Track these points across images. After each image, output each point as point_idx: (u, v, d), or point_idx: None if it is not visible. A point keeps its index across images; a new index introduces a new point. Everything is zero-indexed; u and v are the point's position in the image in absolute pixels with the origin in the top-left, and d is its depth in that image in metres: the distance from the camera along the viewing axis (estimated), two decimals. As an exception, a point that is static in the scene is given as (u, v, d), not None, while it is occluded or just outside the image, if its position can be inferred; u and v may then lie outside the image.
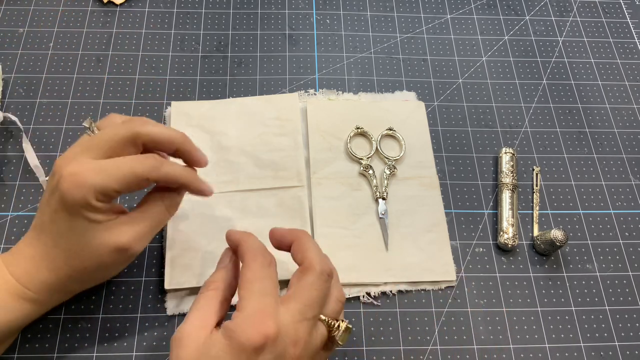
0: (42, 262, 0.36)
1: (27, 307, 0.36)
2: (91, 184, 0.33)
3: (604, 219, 0.51)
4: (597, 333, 0.45)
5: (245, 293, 0.32)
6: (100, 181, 0.33)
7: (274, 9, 0.60)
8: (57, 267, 0.36)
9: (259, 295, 0.32)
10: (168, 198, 0.38)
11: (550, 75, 0.58)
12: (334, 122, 0.52)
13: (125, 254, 0.36)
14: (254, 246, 0.35)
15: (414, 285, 0.46)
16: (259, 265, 0.33)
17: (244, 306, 0.31)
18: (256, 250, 0.34)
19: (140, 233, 0.36)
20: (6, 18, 0.56)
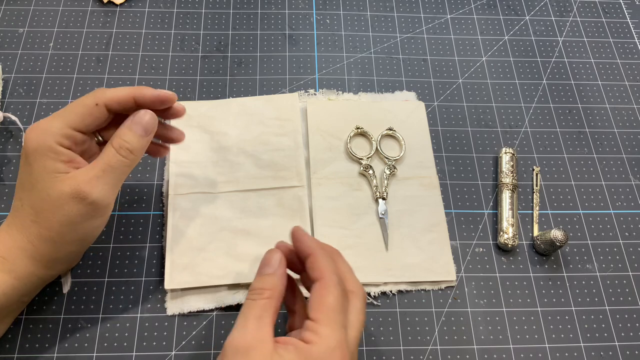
0: (12, 225, 0.36)
1: (6, 279, 0.36)
2: (49, 127, 0.35)
3: (604, 219, 0.51)
4: (597, 333, 0.45)
5: (326, 320, 0.31)
6: (58, 123, 0.35)
7: (274, 9, 0.60)
8: (26, 227, 0.35)
9: (340, 327, 0.32)
10: (116, 136, 0.36)
11: (550, 75, 0.58)
12: (334, 122, 0.52)
13: (86, 202, 0.35)
14: (331, 268, 0.34)
15: (414, 285, 0.46)
16: (341, 293, 0.33)
17: (324, 334, 0.31)
18: (334, 274, 0.34)
19: (94, 176, 0.35)
20: (6, 18, 0.56)
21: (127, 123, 0.37)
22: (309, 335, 0.31)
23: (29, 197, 0.35)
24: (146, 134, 0.37)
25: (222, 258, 0.45)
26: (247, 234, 0.46)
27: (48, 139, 0.34)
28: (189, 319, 0.43)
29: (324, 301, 0.32)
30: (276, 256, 0.35)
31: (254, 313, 0.32)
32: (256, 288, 0.34)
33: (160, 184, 0.49)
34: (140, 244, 0.46)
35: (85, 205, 0.35)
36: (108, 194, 0.36)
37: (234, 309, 0.44)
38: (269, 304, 0.33)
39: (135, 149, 0.36)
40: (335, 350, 0.31)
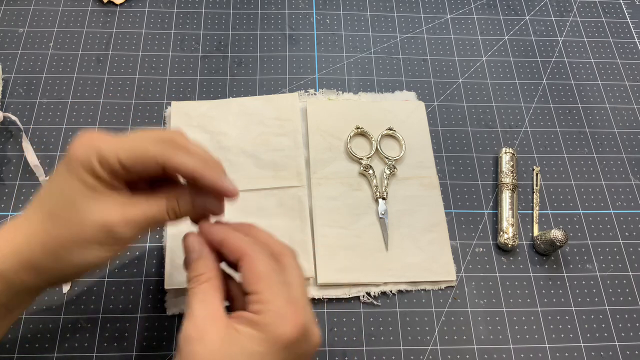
0: (21, 225, 0.32)
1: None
2: (97, 145, 0.31)
3: (604, 219, 0.51)
4: (597, 333, 0.45)
5: (265, 287, 0.31)
6: (108, 146, 0.31)
7: (274, 9, 0.60)
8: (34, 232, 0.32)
9: (281, 286, 0.31)
10: (173, 196, 0.34)
11: (550, 75, 0.58)
12: (334, 122, 0.52)
13: (109, 235, 0.32)
14: (248, 242, 0.33)
15: (414, 285, 0.46)
16: (269, 259, 0.32)
17: (268, 299, 0.30)
18: (253, 245, 0.33)
19: (130, 217, 0.32)
20: (6, 18, 0.56)
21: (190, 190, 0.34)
22: (255, 307, 0.31)
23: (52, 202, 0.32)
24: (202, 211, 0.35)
25: (222, 258, 0.45)
26: (247, 234, 0.46)
27: (92, 156, 0.31)
28: (189, 319, 0.43)
29: (254, 272, 0.31)
30: (194, 239, 0.34)
31: (198, 299, 0.31)
32: (191, 277, 0.32)
33: (160, 184, 0.49)
34: (140, 244, 0.46)
35: (108, 238, 0.32)
36: (132, 237, 0.33)
37: (234, 309, 0.44)
38: (209, 285, 0.32)
39: (180, 213, 0.34)
40: (285, 310, 0.30)
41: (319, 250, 0.46)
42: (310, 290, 0.45)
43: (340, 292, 0.45)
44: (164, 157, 0.32)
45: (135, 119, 0.52)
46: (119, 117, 0.52)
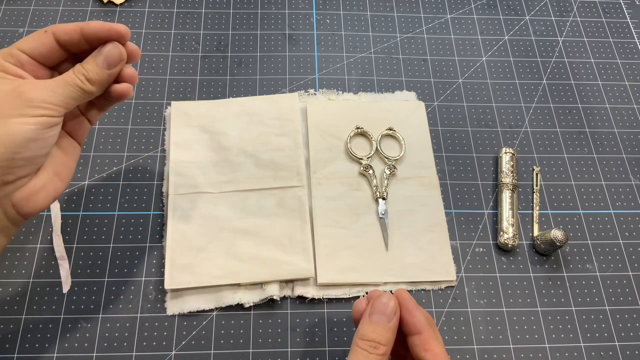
0: None
1: None
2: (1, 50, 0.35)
3: (604, 219, 0.51)
4: (597, 333, 0.45)
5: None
6: (8, 47, 0.35)
7: (274, 9, 0.60)
8: None
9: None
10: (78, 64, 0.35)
11: (550, 75, 0.58)
12: (334, 122, 0.52)
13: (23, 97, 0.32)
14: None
15: (414, 285, 0.46)
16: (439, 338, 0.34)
17: None
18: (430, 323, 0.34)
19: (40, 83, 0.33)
20: (6, 18, 0.56)
21: (92, 54, 0.35)
22: None
23: None
24: (107, 66, 0.35)
25: (222, 258, 0.45)
26: (247, 234, 0.46)
27: None
28: (189, 319, 0.43)
29: (435, 353, 0.32)
30: (393, 305, 0.34)
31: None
32: (370, 339, 0.33)
33: (160, 184, 0.49)
34: (140, 244, 0.46)
35: (23, 101, 0.32)
36: (50, 100, 0.33)
37: (234, 309, 0.44)
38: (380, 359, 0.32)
39: (93, 78, 0.35)
40: None
41: (319, 250, 0.46)
42: (310, 290, 0.45)
43: (340, 292, 0.45)
44: (50, 27, 0.35)
45: (135, 119, 0.52)
46: (119, 117, 0.52)
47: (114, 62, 0.36)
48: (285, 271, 0.44)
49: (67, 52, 0.36)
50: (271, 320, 0.44)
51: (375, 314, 0.33)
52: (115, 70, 0.36)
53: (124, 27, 0.36)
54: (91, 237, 0.46)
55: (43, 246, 0.45)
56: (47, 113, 0.33)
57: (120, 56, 0.36)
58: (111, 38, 0.36)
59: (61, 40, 0.36)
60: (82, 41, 0.36)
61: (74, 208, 0.47)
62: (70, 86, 0.34)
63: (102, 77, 0.35)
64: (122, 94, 0.38)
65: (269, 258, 0.45)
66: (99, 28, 0.35)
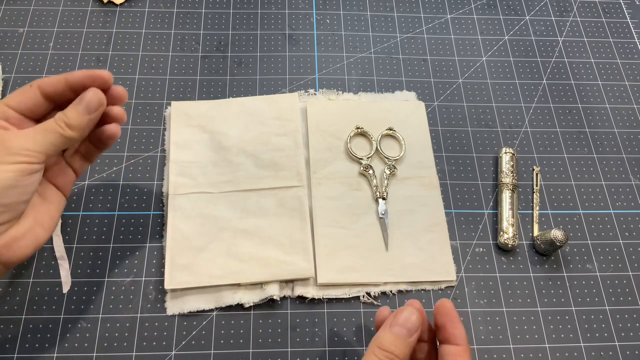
0: None
1: None
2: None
3: (604, 219, 0.51)
4: (597, 333, 0.45)
5: None
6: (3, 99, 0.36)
7: (274, 9, 0.60)
8: None
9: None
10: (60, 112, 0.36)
11: (550, 75, 0.58)
12: (334, 122, 0.52)
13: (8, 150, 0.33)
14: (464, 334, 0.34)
15: (414, 285, 0.46)
16: None
17: None
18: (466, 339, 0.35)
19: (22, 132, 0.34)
20: (6, 18, 0.56)
21: (73, 102, 0.36)
22: None
23: None
24: (87, 111, 0.36)
25: (222, 258, 0.45)
26: (247, 234, 0.46)
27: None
28: (189, 319, 0.43)
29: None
30: (416, 320, 0.34)
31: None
32: (388, 350, 0.33)
33: (160, 184, 0.49)
34: (140, 244, 0.46)
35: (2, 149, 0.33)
36: (30, 147, 0.34)
37: (234, 309, 0.44)
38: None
39: (73, 124, 0.35)
40: None
41: (319, 250, 0.46)
42: (310, 290, 0.45)
43: (340, 292, 0.45)
44: (35, 81, 0.36)
45: (135, 119, 0.52)
46: (119, 117, 0.52)
47: (94, 108, 0.36)
48: (285, 271, 0.44)
49: (53, 103, 0.38)
50: (271, 320, 0.44)
51: (397, 326, 0.34)
52: (95, 116, 0.37)
53: (107, 73, 0.38)
54: (91, 237, 0.46)
55: (43, 246, 0.45)
56: (27, 160, 0.34)
57: (99, 101, 0.37)
58: (95, 84, 0.37)
59: (47, 92, 0.37)
60: (67, 91, 0.37)
61: (74, 208, 0.47)
62: (50, 133, 0.35)
63: (82, 123, 0.36)
64: (111, 134, 0.39)
65: (269, 258, 0.45)
66: (83, 75, 0.37)
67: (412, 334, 0.34)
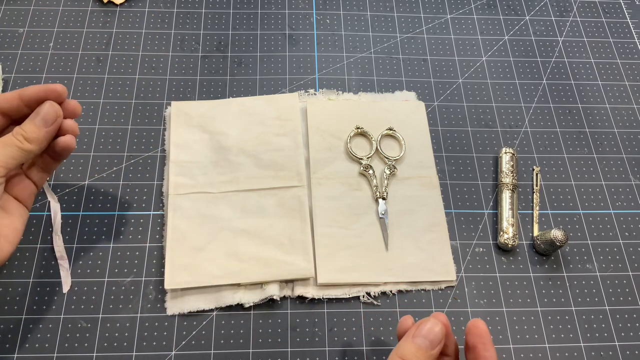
0: None
1: None
2: None
3: (604, 219, 0.51)
4: (597, 333, 0.45)
5: None
6: None
7: (274, 9, 0.60)
8: None
9: None
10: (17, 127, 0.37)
11: (550, 75, 0.58)
12: (334, 122, 0.52)
13: None
14: None
15: (414, 285, 0.46)
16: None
17: None
18: None
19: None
20: (6, 18, 0.56)
21: (30, 115, 0.37)
22: None
23: None
24: (44, 124, 0.37)
25: (222, 258, 0.45)
26: (247, 234, 0.46)
27: None
28: (189, 319, 0.43)
29: None
30: (440, 332, 0.34)
31: None
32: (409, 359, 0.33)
33: (160, 184, 0.49)
34: (140, 244, 0.46)
35: None
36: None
37: (234, 309, 0.44)
38: None
39: (31, 137, 0.36)
40: None
41: (319, 250, 0.46)
42: (310, 290, 0.45)
43: (340, 292, 0.45)
44: None
45: (135, 119, 0.52)
46: (119, 117, 0.52)
47: (51, 120, 0.37)
48: (285, 271, 0.44)
49: (9, 119, 0.39)
50: (271, 320, 0.44)
51: (420, 337, 0.33)
52: (53, 128, 0.38)
53: (60, 86, 0.38)
54: (91, 237, 0.46)
55: (43, 246, 0.45)
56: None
57: (56, 114, 0.38)
58: (49, 98, 0.38)
59: (2, 109, 0.38)
60: (22, 106, 0.38)
61: (74, 208, 0.47)
62: (9, 147, 0.36)
63: (40, 136, 0.37)
64: (65, 145, 0.39)
65: (269, 258, 0.45)
66: (37, 90, 0.38)
67: (435, 346, 0.33)
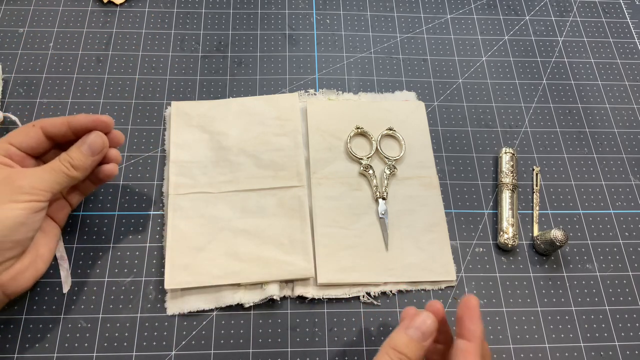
0: None
1: None
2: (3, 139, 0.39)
3: (604, 219, 0.51)
4: (597, 333, 0.45)
5: None
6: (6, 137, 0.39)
7: (274, 9, 0.60)
8: None
9: None
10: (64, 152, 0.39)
11: (550, 75, 0.58)
12: (334, 122, 0.52)
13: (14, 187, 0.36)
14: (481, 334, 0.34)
15: (414, 285, 0.46)
16: None
17: None
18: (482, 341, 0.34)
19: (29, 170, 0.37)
20: (6, 18, 0.56)
21: (77, 143, 0.39)
22: None
23: None
24: (91, 153, 0.39)
25: (222, 258, 0.45)
26: (247, 234, 0.46)
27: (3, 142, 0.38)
28: (189, 319, 0.43)
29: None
30: (432, 324, 0.34)
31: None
32: (402, 351, 0.33)
33: (160, 184, 0.49)
34: (140, 244, 0.46)
35: (13, 188, 0.36)
36: (38, 186, 0.37)
37: (234, 309, 0.44)
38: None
39: (77, 165, 0.38)
40: None
41: (319, 250, 0.46)
42: (310, 290, 0.45)
43: (340, 292, 0.45)
44: (39, 121, 0.39)
45: (135, 119, 0.52)
46: (119, 117, 0.52)
47: (97, 150, 0.40)
48: (285, 271, 0.44)
49: (54, 142, 0.41)
50: (271, 320, 0.44)
51: (412, 328, 0.34)
52: (98, 157, 0.40)
53: (107, 117, 0.41)
54: (91, 237, 0.46)
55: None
56: (35, 198, 0.36)
57: (103, 144, 0.40)
58: (97, 128, 0.40)
59: (49, 133, 0.40)
60: (69, 132, 0.40)
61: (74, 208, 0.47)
62: (56, 172, 0.38)
63: (85, 164, 0.39)
64: (108, 173, 0.42)
65: (269, 258, 0.45)
66: (85, 120, 0.40)
67: (427, 338, 0.34)
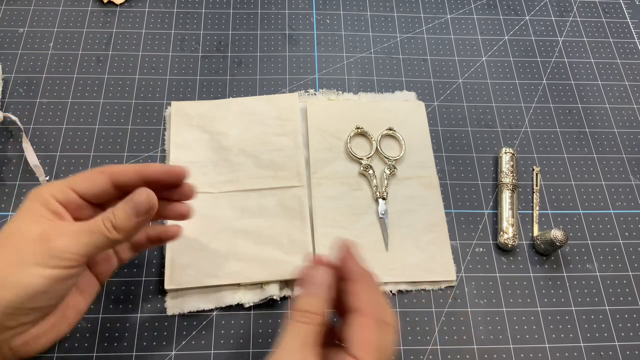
0: None
1: None
2: (51, 184, 0.34)
3: (604, 219, 0.51)
4: (597, 333, 0.45)
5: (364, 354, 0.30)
6: (59, 182, 0.35)
7: (274, 9, 0.60)
8: None
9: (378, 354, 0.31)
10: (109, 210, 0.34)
11: (550, 75, 0.58)
12: (334, 122, 0.52)
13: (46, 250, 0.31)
14: (373, 302, 0.33)
15: (414, 285, 0.46)
16: (381, 329, 0.32)
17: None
18: (375, 308, 0.32)
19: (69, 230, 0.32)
20: (6, 18, 0.56)
21: (124, 200, 0.34)
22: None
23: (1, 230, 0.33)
24: (136, 214, 0.33)
25: (222, 258, 0.45)
26: (247, 234, 0.46)
27: (44, 190, 0.34)
28: (189, 319, 0.43)
29: (367, 340, 0.31)
30: (323, 275, 0.33)
31: (300, 338, 0.31)
32: (304, 310, 0.32)
33: (160, 184, 0.49)
34: (140, 244, 0.46)
35: (44, 249, 0.31)
36: (72, 250, 0.32)
37: (234, 309, 0.44)
38: (315, 329, 0.31)
39: (119, 226, 0.33)
40: None
41: (319, 251, 0.46)
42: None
43: (340, 292, 0.45)
44: (107, 168, 0.35)
45: (135, 119, 0.52)
46: (119, 117, 0.52)
47: (143, 211, 0.34)
48: (285, 271, 0.44)
49: (120, 192, 0.36)
50: (271, 320, 0.44)
51: (306, 286, 0.33)
52: (144, 219, 0.34)
53: (180, 169, 0.36)
54: (91, 237, 0.46)
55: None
56: (65, 264, 0.32)
57: (149, 205, 0.34)
58: (169, 180, 0.36)
59: (119, 182, 0.35)
60: (140, 183, 0.35)
61: (74, 208, 0.47)
62: (95, 234, 0.33)
63: (129, 225, 0.33)
64: (172, 235, 0.39)
65: (269, 258, 0.45)
66: (158, 171, 0.36)
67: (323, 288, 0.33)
